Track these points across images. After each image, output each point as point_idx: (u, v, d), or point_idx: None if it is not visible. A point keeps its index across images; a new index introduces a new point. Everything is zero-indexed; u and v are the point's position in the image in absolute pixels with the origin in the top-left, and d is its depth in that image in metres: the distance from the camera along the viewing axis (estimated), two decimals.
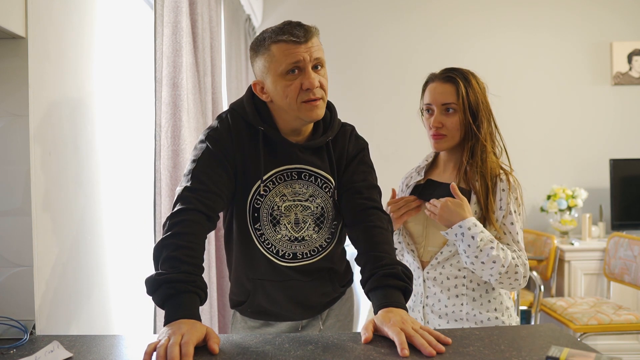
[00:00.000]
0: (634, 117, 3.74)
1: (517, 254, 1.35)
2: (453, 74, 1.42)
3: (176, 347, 0.89)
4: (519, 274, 1.33)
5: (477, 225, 1.32)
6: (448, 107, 1.40)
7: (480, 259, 1.31)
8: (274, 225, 1.28)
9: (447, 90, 1.40)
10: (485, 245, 1.30)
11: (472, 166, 1.41)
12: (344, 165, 1.32)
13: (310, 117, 1.21)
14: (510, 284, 1.34)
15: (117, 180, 1.61)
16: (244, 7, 3.18)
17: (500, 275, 1.31)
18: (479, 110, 1.40)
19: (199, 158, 1.21)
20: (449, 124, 1.40)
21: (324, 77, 1.22)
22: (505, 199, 1.38)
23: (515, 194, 1.39)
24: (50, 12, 1.21)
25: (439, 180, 1.48)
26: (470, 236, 1.30)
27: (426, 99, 1.45)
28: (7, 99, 1.12)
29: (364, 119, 3.67)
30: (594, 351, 0.91)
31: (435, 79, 1.44)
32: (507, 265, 1.31)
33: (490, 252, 1.30)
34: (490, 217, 1.37)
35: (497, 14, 3.77)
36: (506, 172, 1.42)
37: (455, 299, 1.42)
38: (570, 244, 3.34)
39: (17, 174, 1.12)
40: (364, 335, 1.00)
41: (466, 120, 1.39)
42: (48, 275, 1.19)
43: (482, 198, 1.38)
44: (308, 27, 1.19)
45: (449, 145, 1.43)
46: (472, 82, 1.41)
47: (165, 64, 1.65)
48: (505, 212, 1.38)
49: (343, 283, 1.42)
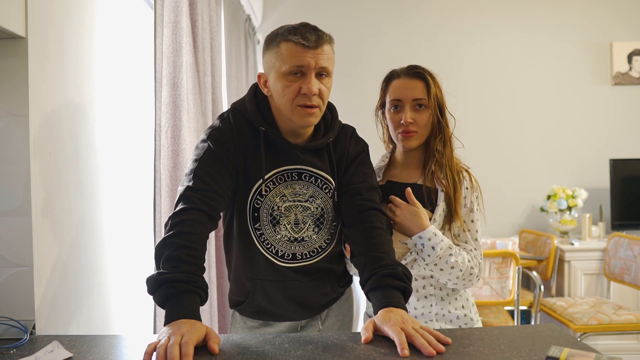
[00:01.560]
0: (634, 117, 3.74)
1: (473, 254, 1.36)
2: (420, 69, 1.41)
3: (176, 347, 0.89)
4: (474, 275, 1.35)
5: (437, 234, 1.31)
6: (420, 103, 1.38)
7: (439, 266, 1.32)
8: (273, 225, 1.28)
9: (418, 86, 1.39)
10: (444, 253, 1.30)
11: (439, 162, 1.39)
12: (344, 167, 1.32)
13: (301, 122, 1.21)
14: (464, 285, 1.36)
15: (117, 180, 1.61)
16: (244, 7, 3.18)
17: (457, 279, 1.33)
18: (443, 106, 1.41)
19: (201, 157, 1.21)
20: (419, 120, 1.38)
21: (326, 86, 1.21)
22: (469, 196, 1.39)
23: (476, 192, 1.41)
24: (50, 12, 1.21)
25: (398, 180, 1.45)
26: (431, 247, 1.30)
27: (393, 94, 1.42)
28: (7, 99, 1.12)
29: (364, 120, 3.67)
30: (594, 351, 0.91)
31: (402, 75, 1.42)
32: (464, 270, 1.32)
33: (449, 259, 1.30)
34: (458, 212, 1.37)
35: (497, 14, 3.77)
36: (467, 171, 1.43)
37: (424, 300, 1.41)
38: (570, 244, 3.34)
39: (17, 174, 1.12)
40: (364, 335, 1.00)
41: (435, 117, 1.39)
42: (48, 275, 1.19)
43: (452, 193, 1.37)
44: (322, 34, 1.19)
45: (418, 142, 1.41)
46: (435, 80, 1.41)
47: (165, 64, 1.65)
48: (468, 209, 1.39)
49: (342, 283, 1.42)
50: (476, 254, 1.37)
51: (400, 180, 1.45)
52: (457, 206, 1.36)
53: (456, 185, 1.37)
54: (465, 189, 1.39)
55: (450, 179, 1.38)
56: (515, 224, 3.76)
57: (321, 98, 1.20)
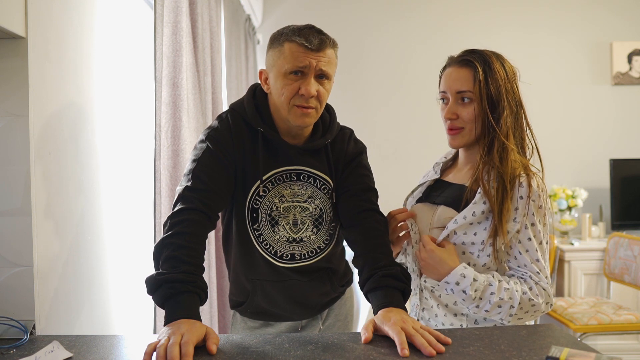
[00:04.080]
0: (634, 117, 3.74)
1: (534, 280, 1.15)
2: (471, 56, 1.23)
3: (176, 347, 0.89)
4: (537, 305, 1.14)
5: (467, 275, 1.14)
6: (463, 96, 1.21)
7: (482, 308, 1.14)
8: (272, 226, 1.28)
9: (463, 76, 1.21)
10: (483, 293, 1.13)
11: (488, 165, 1.19)
12: (342, 168, 1.32)
13: (296, 122, 1.21)
14: (526, 319, 1.17)
15: (117, 180, 1.61)
16: (244, 7, 3.18)
17: (512, 316, 1.14)
18: (500, 99, 1.19)
19: (199, 158, 1.22)
20: (464, 115, 1.20)
21: (325, 89, 1.21)
22: (522, 209, 1.15)
23: (537, 202, 1.15)
24: (50, 12, 1.21)
25: (453, 180, 1.30)
26: (462, 290, 1.14)
27: (441, 86, 1.27)
28: (7, 99, 1.12)
29: (364, 120, 3.67)
30: (594, 351, 0.91)
31: (452, 64, 1.26)
32: (517, 304, 1.12)
33: (492, 299, 1.13)
34: (503, 228, 1.14)
35: (498, 13, 3.76)
36: (528, 175, 1.17)
37: (453, 318, 1.23)
38: (570, 244, 3.34)
39: (17, 174, 1.12)
40: (364, 335, 1.00)
41: (483, 111, 1.19)
42: (48, 275, 1.19)
43: (497, 204, 1.14)
44: (325, 38, 1.19)
45: (466, 140, 1.23)
46: (494, 67, 1.20)
47: (165, 64, 1.65)
48: (520, 225, 1.15)
49: (342, 283, 1.42)
50: (539, 279, 1.16)
51: (453, 180, 1.30)
52: (502, 224, 1.14)
53: (504, 197, 1.14)
54: (519, 199, 1.15)
55: (499, 189, 1.15)
56: None
57: (319, 100, 1.20)
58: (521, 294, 1.13)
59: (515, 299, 1.13)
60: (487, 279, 1.15)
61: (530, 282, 1.16)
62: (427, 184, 1.35)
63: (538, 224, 1.17)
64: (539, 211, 1.17)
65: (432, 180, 1.34)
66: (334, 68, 1.23)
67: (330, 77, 1.22)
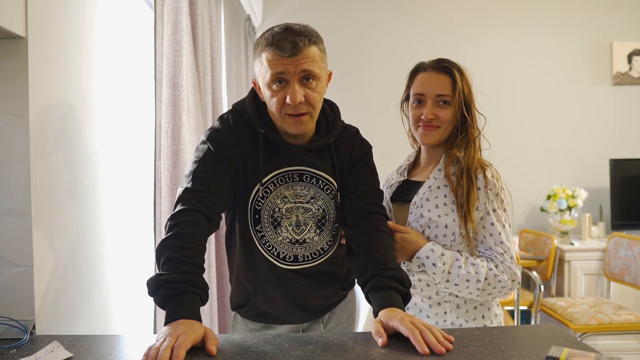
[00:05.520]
0: (634, 117, 3.74)
1: (499, 260, 1.28)
2: (447, 64, 1.35)
3: (168, 351, 0.88)
4: (504, 281, 1.26)
5: (435, 250, 1.27)
6: (444, 100, 1.33)
7: (451, 281, 1.26)
8: (274, 227, 1.27)
9: (443, 82, 1.33)
10: (451, 267, 1.25)
11: (456, 161, 1.33)
12: (348, 168, 1.31)
13: (292, 130, 1.20)
14: (494, 294, 1.28)
15: (117, 180, 1.61)
16: (244, 7, 3.18)
17: (480, 290, 1.25)
18: (471, 104, 1.35)
19: (201, 159, 1.21)
20: (442, 116, 1.33)
21: (314, 90, 1.17)
22: (482, 197, 1.29)
23: (494, 190, 1.30)
24: (50, 12, 1.21)
25: (419, 179, 1.41)
26: (431, 264, 1.26)
27: (417, 88, 1.36)
28: (7, 99, 1.12)
29: (364, 120, 3.65)
30: (594, 351, 0.91)
31: (428, 69, 1.36)
32: (483, 279, 1.25)
33: (459, 272, 1.25)
34: (471, 214, 1.27)
35: (497, 14, 3.77)
36: (482, 167, 1.32)
37: (437, 307, 1.34)
38: (570, 244, 3.34)
39: (17, 174, 1.12)
40: (381, 339, 0.98)
41: (460, 114, 1.33)
42: (48, 275, 1.19)
43: (465, 194, 1.28)
44: (300, 39, 1.12)
45: (439, 138, 1.35)
46: (464, 75, 1.35)
47: (165, 64, 1.65)
48: (483, 212, 1.30)
49: (344, 286, 1.41)
50: (503, 259, 1.28)
51: (417, 178, 1.42)
52: (470, 211, 1.27)
53: (470, 187, 1.28)
54: (478, 190, 1.29)
55: (466, 180, 1.29)
56: (515, 224, 3.75)
57: (310, 104, 1.17)
58: (487, 270, 1.26)
59: (481, 273, 1.25)
60: (454, 254, 1.28)
61: (496, 260, 1.29)
62: (396, 185, 1.46)
63: (498, 209, 1.31)
64: (497, 198, 1.31)
65: (399, 181, 1.45)
66: (321, 64, 1.17)
67: (318, 76, 1.17)
